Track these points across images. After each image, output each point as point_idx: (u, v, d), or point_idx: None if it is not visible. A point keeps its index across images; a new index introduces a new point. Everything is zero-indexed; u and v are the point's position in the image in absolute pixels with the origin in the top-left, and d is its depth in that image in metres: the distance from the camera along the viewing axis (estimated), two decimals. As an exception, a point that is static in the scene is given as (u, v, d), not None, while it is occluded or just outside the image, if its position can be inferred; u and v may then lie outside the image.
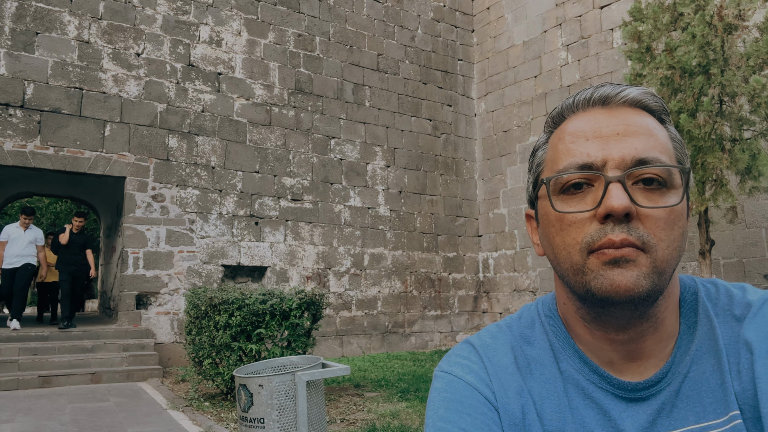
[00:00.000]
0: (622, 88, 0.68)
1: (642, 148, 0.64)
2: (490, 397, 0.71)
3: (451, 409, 0.70)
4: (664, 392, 0.68)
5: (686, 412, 0.67)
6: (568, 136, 0.69)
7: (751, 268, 8.71)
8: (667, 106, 0.69)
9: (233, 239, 9.76)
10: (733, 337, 0.68)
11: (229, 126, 10.00)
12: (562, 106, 0.73)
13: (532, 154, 0.78)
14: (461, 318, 12.36)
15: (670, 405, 0.67)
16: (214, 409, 6.16)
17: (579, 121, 0.69)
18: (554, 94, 11.78)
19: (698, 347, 0.69)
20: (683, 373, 0.68)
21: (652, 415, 0.67)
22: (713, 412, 0.66)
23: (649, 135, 0.66)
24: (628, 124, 0.66)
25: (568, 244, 0.65)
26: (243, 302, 5.91)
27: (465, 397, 0.71)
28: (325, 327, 10.23)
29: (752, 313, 0.68)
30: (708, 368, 0.68)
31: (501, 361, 0.75)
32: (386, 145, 11.79)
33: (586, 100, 0.70)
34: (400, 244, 11.65)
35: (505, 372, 0.74)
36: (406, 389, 6.96)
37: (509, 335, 0.78)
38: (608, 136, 0.65)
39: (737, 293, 0.72)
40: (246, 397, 2.42)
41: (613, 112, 0.68)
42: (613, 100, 0.68)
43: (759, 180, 6.66)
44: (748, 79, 6.57)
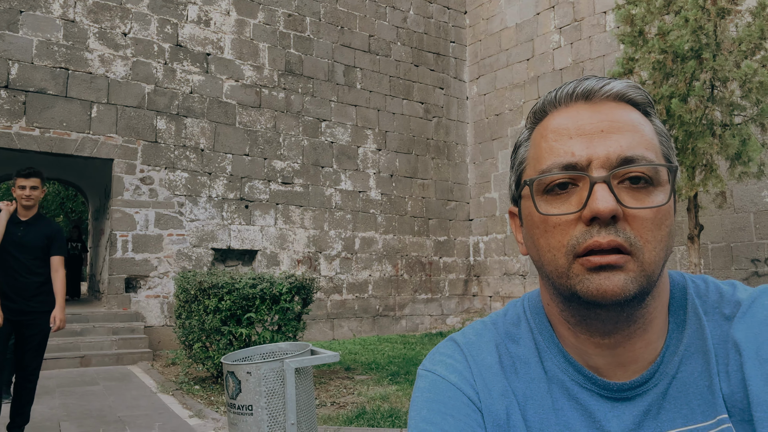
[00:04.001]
0: (605, 82, 0.66)
1: (627, 146, 0.62)
2: (474, 398, 0.70)
3: (434, 410, 0.69)
4: (651, 393, 0.66)
5: (673, 413, 0.65)
6: (551, 133, 0.66)
7: (738, 252, 8.80)
8: (651, 98, 0.66)
9: (223, 222, 9.70)
10: (722, 336, 0.67)
11: (218, 108, 9.88)
12: (543, 101, 0.70)
13: (514, 150, 0.75)
14: (451, 301, 12.43)
15: (657, 406, 0.66)
16: (204, 392, 6.17)
17: (562, 118, 0.66)
18: (546, 77, 11.72)
19: (687, 347, 0.67)
20: (671, 374, 0.66)
21: (638, 416, 0.66)
22: (701, 414, 0.64)
23: (634, 131, 0.63)
24: (612, 120, 0.63)
25: (553, 247, 0.63)
26: (233, 286, 5.89)
27: (448, 397, 0.70)
28: (315, 310, 10.25)
29: (741, 312, 0.66)
30: (696, 369, 0.66)
31: (485, 360, 0.73)
32: (377, 128, 11.72)
33: (569, 95, 0.67)
34: (391, 228, 11.65)
35: (490, 371, 0.72)
36: (396, 372, 7.01)
37: (494, 333, 0.76)
38: (592, 133, 0.63)
39: (727, 290, 0.70)
40: (234, 385, 2.41)
41: (597, 108, 0.65)
42: (597, 95, 0.66)
43: (748, 165, 6.69)
44: (739, 64, 6.56)
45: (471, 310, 12.62)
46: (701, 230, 7.38)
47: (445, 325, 11.99)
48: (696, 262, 7.14)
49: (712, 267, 9.00)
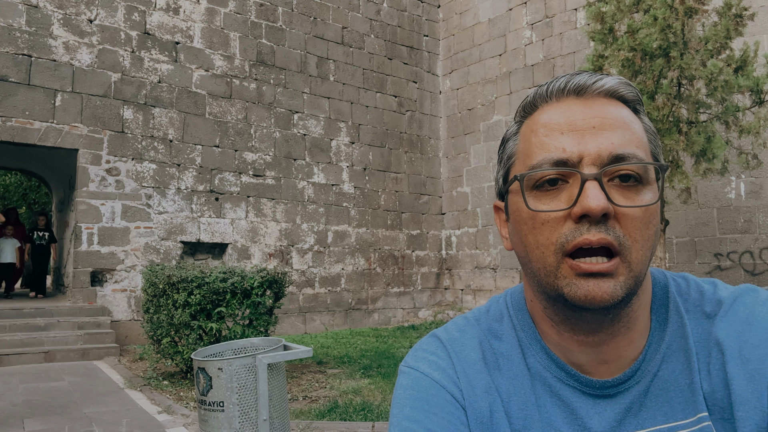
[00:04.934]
0: (597, 78, 0.65)
1: (619, 143, 0.61)
2: (457, 395, 0.69)
3: (416, 408, 0.68)
4: (633, 390, 0.66)
5: (655, 411, 0.66)
6: (541, 128, 0.65)
7: (702, 247, 9.05)
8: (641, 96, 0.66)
9: (192, 215, 9.53)
10: (703, 335, 0.67)
11: (187, 98, 9.68)
12: (534, 95, 0.69)
13: (502, 144, 0.73)
14: (424, 294, 12.49)
15: (639, 404, 0.66)
16: (174, 388, 6.07)
17: (553, 112, 0.65)
18: (518, 73, 11.83)
19: (669, 345, 0.68)
20: (653, 372, 0.67)
21: (620, 414, 0.66)
22: (681, 412, 0.65)
23: (625, 128, 0.63)
24: (604, 116, 0.63)
25: (542, 244, 0.62)
26: (202, 280, 5.79)
27: (431, 395, 0.69)
28: (288, 304, 10.17)
29: (723, 311, 0.67)
30: (678, 367, 0.66)
31: (469, 356, 0.72)
32: (351, 121, 11.66)
33: (560, 90, 0.66)
34: (364, 222, 11.62)
35: (473, 368, 0.71)
36: (368, 366, 7.01)
37: (477, 329, 0.75)
38: (584, 129, 0.62)
39: (708, 289, 0.71)
40: (205, 381, 2.36)
41: (588, 103, 0.64)
42: (588, 90, 0.65)
43: (713, 162, 6.87)
44: (705, 62, 6.71)
45: (443, 303, 12.71)
46: (667, 225, 7.57)
47: (418, 318, 12.05)
48: (661, 256, 7.32)
49: (676, 261, 9.24)
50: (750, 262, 8.63)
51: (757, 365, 0.62)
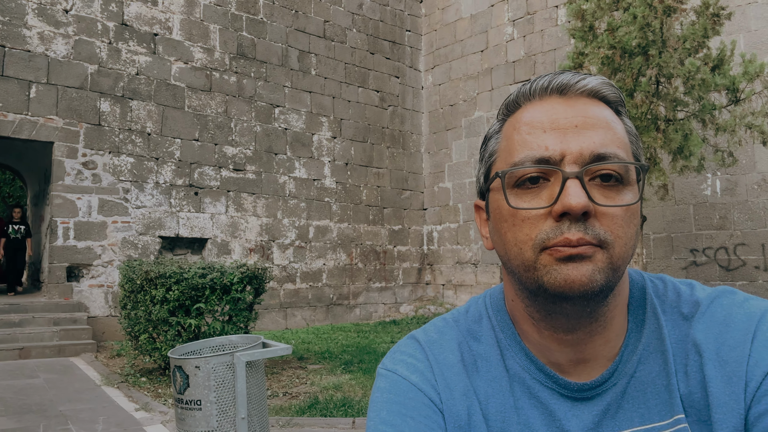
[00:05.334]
0: (580, 77, 0.65)
1: (600, 143, 0.61)
2: (435, 399, 0.69)
3: (393, 412, 0.67)
4: (610, 392, 0.66)
5: (631, 413, 0.66)
6: (524, 126, 0.65)
7: (678, 243, 9.20)
8: (623, 97, 0.66)
9: (171, 210, 9.41)
10: (680, 336, 0.67)
11: (166, 90, 9.53)
12: (517, 93, 0.69)
13: (484, 142, 0.73)
14: (405, 290, 12.52)
15: (616, 406, 0.66)
16: (152, 384, 6.00)
17: (535, 111, 0.65)
18: (500, 69, 11.87)
19: (645, 346, 0.68)
20: (630, 373, 0.67)
21: (597, 415, 0.66)
22: (658, 414, 0.65)
23: (607, 128, 0.63)
24: (586, 116, 0.63)
25: (521, 241, 0.62)
26: (181, 276, 5.72)
27: (409, 398, 0.68)
28: (268, 299, 10.11)
29: (701, 313, 0.67)
30: (654, 368, 0.67)
31: (447, 359, 0.72)
32: (333, 115, 11.60)
33: (544, 88, 0.66)
34: (346, 217, 11.59)
35: (451, 371, 0.71)
36: (349, 361, 7.00)
37: (456, 331, 0.75)
38: (566, 128, 0.62)
39: (685, 290, 0.71)
40: (182, 379, 2.33)
41: (571, 103, 0.64)
42: (571, 90, 0.65)
43: (689, 160, 6.98)
44: (683, 61, 6.80)
45: (424, 298, 12.75)
46: (644, 221, 7.68)
47: (399, 313, 12.08)
48: (639, 251, 7.42)
49: (653, 256, 9.39)
50: (725, 257, 8.80)
51: (734, 367, 0.62)
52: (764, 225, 8.53)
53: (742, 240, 8.67)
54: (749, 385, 0.61)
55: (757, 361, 0.61)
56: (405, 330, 10.16)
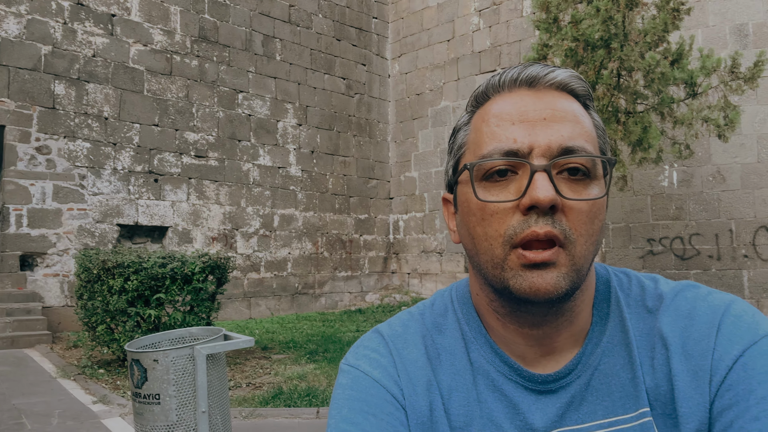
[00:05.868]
0: (549, 70, 0.65)
1: (569, 136, 0.61)
2: (398, 395, 0.68)
3: (355, 410, 0.66)
4: (574, 385, 0.66)
5: (595, 406, 0.66)
6: (493, 118, 0.65)
7: (636, 232, 9.46)
8: (591, 91, 0.66)
9: (130, 197, 9.14)
10: (645, 329, 0.68)
11: (124, 73, 9.22)
12: (486, 85, 0.68)
13: (453, 134, 0.72)
14: (371, 279, 12.53)
15: (580, 398, 0.66)
16: (110, 376, 5.86)
17: (504, 103, 0.65)
18: (466, 59, 11.91)
19: (609, 339, 0.68)
20: (594, 366, 0.67)
21: (561, 408, 0.66)
22: (622, 407, 0.65)
23: (575, 122, 0.63)
24: (555, 109, 0.63)
25: (490, 236, 0.62)
26: (140, 265, 5.57)
27: (371, 395, 0.67)
28: (232, 289, 9.97)
29: (665, 306, 0.67)
30: (619, 361, 0.67)
31: (411, 354, 0.71)
32: (298, 102, 11.44)
33: (513, 80, 0.66)
34: (311, 206, 11.50)
35: (415, 366, 0.70)
36: (314, 351, 6.98)
37: (421, 324, 0.74)
38: (535, 120, 0.62)
39: (649, 284, 0.71)
40: (139, 373, 2.26)
41: (540, 95, 0.64)
42: (540, 82, 0.65)
43: (648, 152, 7.15)
44: (644, 54, 6.95)
45: (390, 287, 12.80)
46: (605, 211, 7.84)
47: (365, 302, 12.10)
48: (599, 241, 7.59)
49: (612, 246, 9.63)
50: (680, 247, 9.10)
51: (699, 361, 0.62)
52: (718, 216, 8.84)
53: (697, 230, 8.97)
54: (714, 378, 0.61)
55: (722, 355, 0.61)
56: (370, 318, 10.18)
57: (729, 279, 8.73)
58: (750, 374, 0.59)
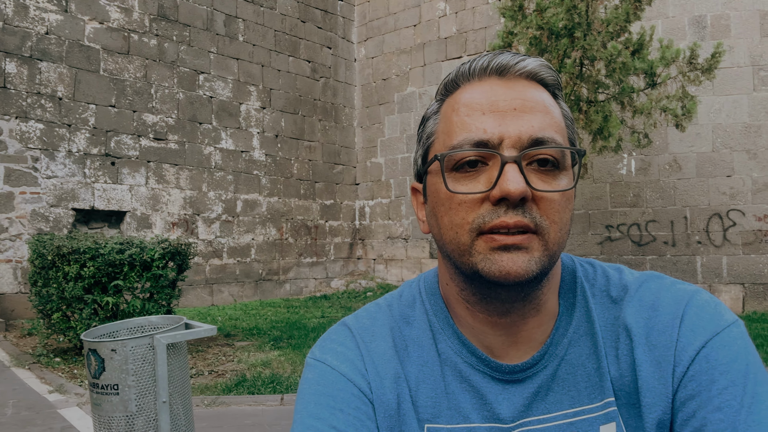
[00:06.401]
0: (520, 59, 0.65)
1: (539, 127, 0.61)
2: (365, 389, 0.67)
3: (321, 404, 0.66)
4: (541, 375, 0.67)
5: (561, 395, 0.66)
6: (462, 107, 0.64)
7: (595, 219, 9.69)
8: (560, 80, 0.66)
9: (86, 180, 8.83)
10: (610, 319, 0.68)
11: (79, 52, 8.85)
12: (456, 73, 0.68)
13: (422, 123, 0.72)
14: (336, 264, 12.50)
15: (546, 388, 0.67)
16: (66, 365, 5.70)
17: (475, 92, 0.64)
18: (432, 45, 11.88)
19: (575, 330, 0.69)
20: (560, 356, 0.68)
21: (528, 398, 0.67)
22: (588, 396, 0.66)
23: (545, 112, 0.63)
24: (525, 99, 0.63)
25: (457, 224, 0.62)
26: (97, 251, 5.40)
27: (338, 390, 0.67)
28: (193, 276, 9.79)
29: (629, 296, 0.68)
30: (584, 351, 0.68)
31: (378, 347, 0.71)
32: (261, 84, 11.22)
33: (483, 69, 0.65)
34: (276, 191, 11.35)
35: (383, 358, 0.70)
36: (278, 337, 6.93)
37: (389, 316, 0.74)
38: (505, 111, 0.62)
39: (613, 275, 0.72)
40: (96, 363, 2.20)
41: (510, 84, 0.64)
42: (511, 71, 0.65)
43: (608, 140, 7.31)
44: (606, 44, 7.06)
45: (355, 272, 12.80)
46: (566, 198, 7.99)
47: (330, 288, 12.07)
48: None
49: (571, 232, 9.85)
50: (637, 233, 9.37)
51: (663, 351, 0.63)
52: (674, 203, 9.13)
53: (653, 217, 9.25)
54: (677, 369, 0.62)
55: (685, 346, 0.62)
56: (336, 304, 10.17)
57: (683, 265, 9.06)
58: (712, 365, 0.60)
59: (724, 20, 8.89)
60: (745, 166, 8.75)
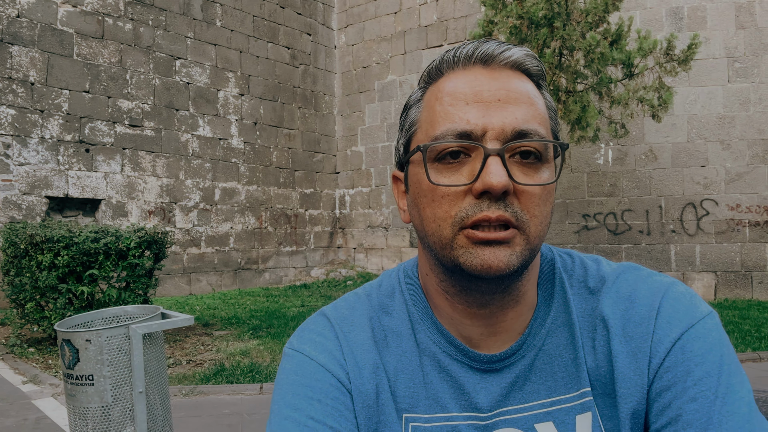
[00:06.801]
0: (505, 48, 0.64)
1: (522, 119, 0.61)
2: (344, 379, 0.67)
3: (299, 395, 0.65)
4: (519, 365, 0.68)
5: (539, 385, 0.67)
6: (446, 96, 0.63)
7: (572, 208, 9.81)
8: (545, 71, 0.66)
9: (59, 168, 8.64)
10: (587, 310, 0.69)
11: (51, 36, 8.61)
12: (440, 61, 0.67)
13: (405, 111, 0.71)
14: (316, 253, 12.47)
15: (524, 378, 0.67)
16: (41, 355, 5.60)
17: (459, 81, 0.64)
18: (413, 33, 11.83)
19: (553, 320, 0.69)
20: (538, 346, 0.68)
21: (505, 388, 0.67)
22: (564, 386, 0.67)
23: (529, 104, 0.63)
24: (509, 89, 0.62)
25: (439, 217, 0.61)
26: (71, 240, 5.30)
27: (316, 380, 0.66)
28: (171, 265, 9.67)
29: (607, 288, 0.69)
30: (562, 342, 0.68)
31: (357, 336, 0.71)
32: (240, 71, 11.07)
33: (468, 57, 0.64)
34: (255, 179, 11.24)
35: (361, 348, 0.70)
36: (258, 326, 6.90)
37: (368, 306, 0.74)
38: (489, 101, 0.61)
39: (591, 266, 0.73)
40: (71, 353, 2.16)
41: (495, 74, 0.63)
42: (495, 60, 0.64)
43: (586, 130, 7.38)
44: (585, 34, 7.10)
45: (335, 261, 12.78)
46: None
47: (310, 277, 12.04)
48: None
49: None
50: (613, 222, 9.51)
51: (639, 343, 0.64)
52: (649, 193, 9.28)
53: (629, 206, 9.39)
54: (653, 361, 0.63)
55: (661, 338, 0.63)
56: (316, 293, 10.16)
57: (657, 253, 9.23)
58: (688, 356, 0.61)
59: (700, 12, 9.00)
60: (719, 156, 8.92)
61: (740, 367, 0.62)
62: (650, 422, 0.62)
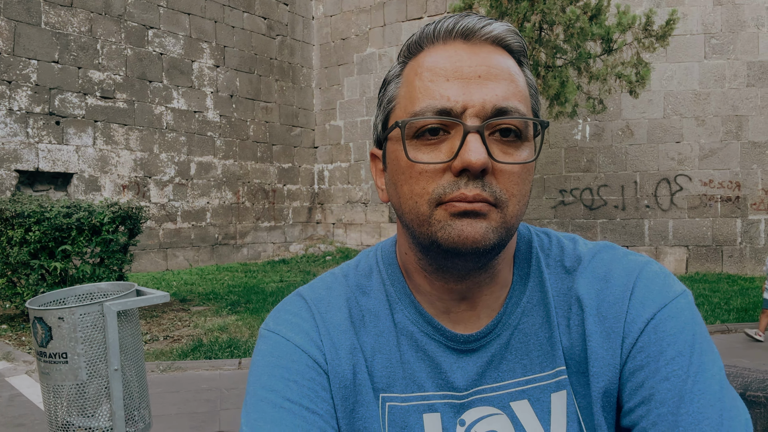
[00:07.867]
0: (486, 22, 0.62)
1: (503, 96, 0.60)
2: (320, 360, 0.67)
3: (275, 376, 0.65)
4: (494, 344, 0.68)
5: (514, 364, 0.67)
6: (426, 72, 0.62)
7: (549, 184, 9.90)
8: (526, 47, 0.64)
9: (29, 140, 8.39)
10: (563, 289, 0.69)
11: (18, 3, 8.26)
12: (420, 35, 0.65)
13: (383, 86, 0.69)
14: (295, 229, 12.41)
15: (500, 357, 0.67)
16: (14, 332, 5.52)
17: (438, 56, 0.62)
18: (392, 4, 11.64)
19: (529, 299, 0.69)
20: (513, 325, 0.68)
21: (481, 367, 0.67)
22: (539, 365, 0.67)
23: (510, 80, 0.61)
24: (490, 65, 0.61)
25: (416, 194, 0.60)
26: (42, 215, 5.18)
27: (292, 361, 0.66)
28: (146, 240, 9.54)
29: (582, 267, 0.69)
30: (537, 321, 0.68)
31: (334, 317, 0.70)
32: (215, 42, 10.80)
33: (448, 32, 0.63)
34: (231, 153, 11.08)
35: (338, 329, 0.69)
36: (236, 302, 6.88)
37: (345, 286, 0.73)
38: (469, 77, 0.60)
39: (568, 245, 0.73)
40: (43, 331, 2.12)
41: (476, 49, 0.62)
42: (476, 35, 0.62)
43: (565, 106, 7.40)
44: (565, 8, 7.07)
45: (314, 237, 12.75)
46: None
47: (289, 252, 12.01)
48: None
49: (529, 196, 10.03)
50: (589, 198, 9.63)
51: (612, 323, 0.64)
52: (625, 168, 9.40)
53: (605, 182, 9.51)
54: (626, 341, 0.63)
55: (634, 318, 0.63)
56: (294, 269, 10.14)
57: (632, 228, 9.40)
58: (660, 336, 0.62)
59: (679, -12, 9.01)
60: (694, 132, 9.04)
61: (713, 346, 0.63)
62: (623, 401, 0.63)
